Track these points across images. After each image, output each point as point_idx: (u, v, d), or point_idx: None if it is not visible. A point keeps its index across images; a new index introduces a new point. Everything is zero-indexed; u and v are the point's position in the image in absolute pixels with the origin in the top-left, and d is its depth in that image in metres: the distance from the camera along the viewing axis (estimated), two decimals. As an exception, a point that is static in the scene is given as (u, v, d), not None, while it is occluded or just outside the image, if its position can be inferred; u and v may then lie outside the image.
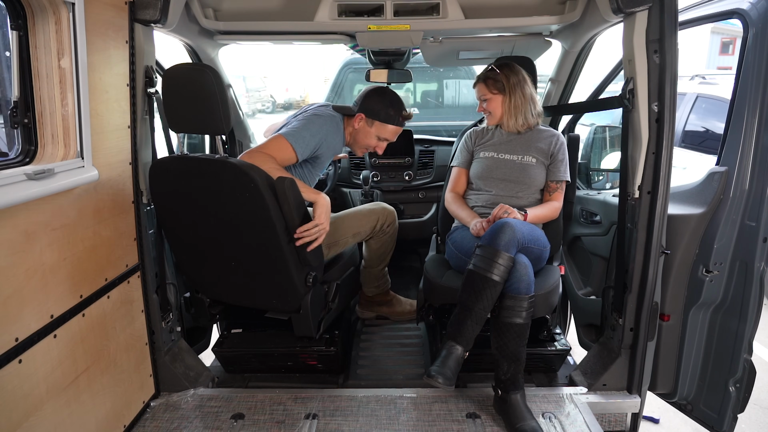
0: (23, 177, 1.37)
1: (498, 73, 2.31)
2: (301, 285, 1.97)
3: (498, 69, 2.32)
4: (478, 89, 2.37)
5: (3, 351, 1.33)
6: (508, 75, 2.31)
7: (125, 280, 1.92)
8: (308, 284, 1.99)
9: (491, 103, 2.34)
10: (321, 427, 1.90)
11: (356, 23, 2.22)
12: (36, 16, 1.48)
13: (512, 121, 2.34)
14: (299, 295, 1.98)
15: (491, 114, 2.36)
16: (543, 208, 2.25)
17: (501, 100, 2.33)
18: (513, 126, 2.35)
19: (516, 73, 2.31)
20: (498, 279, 1.86)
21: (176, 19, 1.99)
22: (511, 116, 2.33)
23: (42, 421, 1.46)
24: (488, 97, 2.34)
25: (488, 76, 2.34)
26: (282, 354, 2.26)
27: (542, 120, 2.43)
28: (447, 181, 2.54)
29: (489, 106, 2.35)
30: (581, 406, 2.01)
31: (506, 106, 2.33)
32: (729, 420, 2.05)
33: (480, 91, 2.37)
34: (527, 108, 2.32)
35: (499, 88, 2.32)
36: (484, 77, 2.35)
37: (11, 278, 1.36)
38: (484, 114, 2.41)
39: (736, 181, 1.93)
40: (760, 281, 1.94)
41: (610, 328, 2.20)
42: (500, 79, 2.31)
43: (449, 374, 1.83)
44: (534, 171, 2.29)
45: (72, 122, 1.56)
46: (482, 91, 2.36)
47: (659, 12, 1.83)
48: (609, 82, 2.70)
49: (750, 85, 1.87)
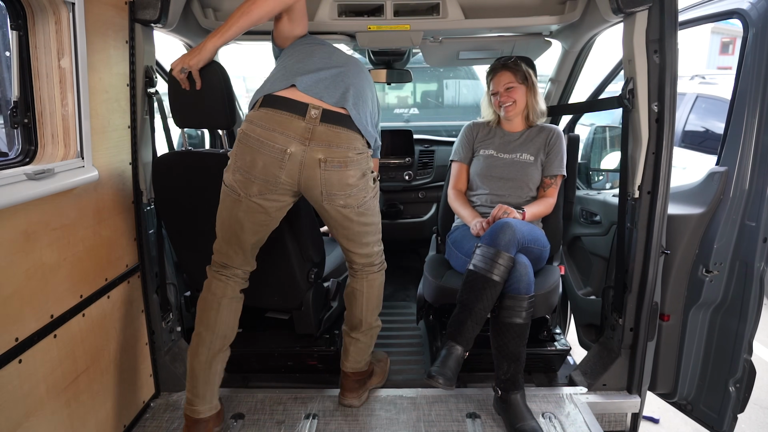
0: (23, 177, 1.37)
1: (521, 64, 2.31)
2: (303, 281, 1.98)
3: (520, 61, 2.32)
4: (503, 77, 2.31)
5: (3, 351, 1.32)
6: (528, 69, 2.32)
7: (125, 280, 1.92)
8: (310, 280, 2.01)
9: (517, 92, 2.30)
10: (321, 427, 1.90)
11: (356, 23, 2.23)
12: (36, 16, 1.48)
13: (532, 114, 2.35)
14: (301, 291, 1.99)
15: (515, 103, 2.30)
16: (538, 205, 2.26)
17: (525, 91, 2.31)
18: (530, 119, 2.36)
19: (533, 67, 2.35)
20: (498, 279, 1.86)
21: (176, 19, 1.99)
22: (531, 109, 2.34)
23: (42, 421, 1.46)
24: (515, 85, 2.30)
25: (512, 66, 2.30)
26: (282, 354, 2.26)
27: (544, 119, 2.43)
28: (448, 177, 2.53)
29: (514, 94, 2.30)
30: (581, 406, 2.01)
31: (529, 98, 2.33)
32: (729, 420, 2.05)
33: (505, 79, 2.30)
34: (541, 104, 2.36)
35: (522, 78, 2.30)
36: (509, 66, 2.30)
37: (11, 278, 1.36)
38: (504, 104, 2.32)
39: (736, 181, 1.93)
40: (760, 281, 1.93)
41: (610, 328, 2.20)
42: (523, 70, 2.30)
43: (449, 374, 1.84)
44: (531, 169, 2.30)
45: (72, 122, 1.56)
46: (508, 78, 2.30)
47: (659, 12, 1.83)
48: (609, 82, 2.70)
49: (750, 85, 1.87)
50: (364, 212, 1.78)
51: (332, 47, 1.87)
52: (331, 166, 1.63)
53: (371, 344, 2.04)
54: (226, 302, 1.80)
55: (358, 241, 1.86)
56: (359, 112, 1.70)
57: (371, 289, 1.96)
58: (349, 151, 1.65)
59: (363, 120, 1.71)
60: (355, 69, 1.80)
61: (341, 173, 1.65)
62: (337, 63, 1.78)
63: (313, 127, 1.61)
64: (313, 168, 1.63)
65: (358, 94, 1.72)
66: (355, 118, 1.67)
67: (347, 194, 1.70)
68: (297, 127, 1.61)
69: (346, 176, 1.66)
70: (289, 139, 1.61)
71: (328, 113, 1.62)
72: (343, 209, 1.73)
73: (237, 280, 1.82)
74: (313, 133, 1.61)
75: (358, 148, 1.68)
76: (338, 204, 1.71)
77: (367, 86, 1.81)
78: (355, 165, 1.68)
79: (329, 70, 1.72)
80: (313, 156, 1.62)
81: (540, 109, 2.36)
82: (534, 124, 2.38)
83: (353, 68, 1.80)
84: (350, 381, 2.01)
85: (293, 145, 1.61)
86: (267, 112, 1.63)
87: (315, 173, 1.64)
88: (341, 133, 1.64)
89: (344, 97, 1.67)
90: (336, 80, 1.71)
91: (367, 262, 1.93)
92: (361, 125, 1.69)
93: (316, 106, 1.62)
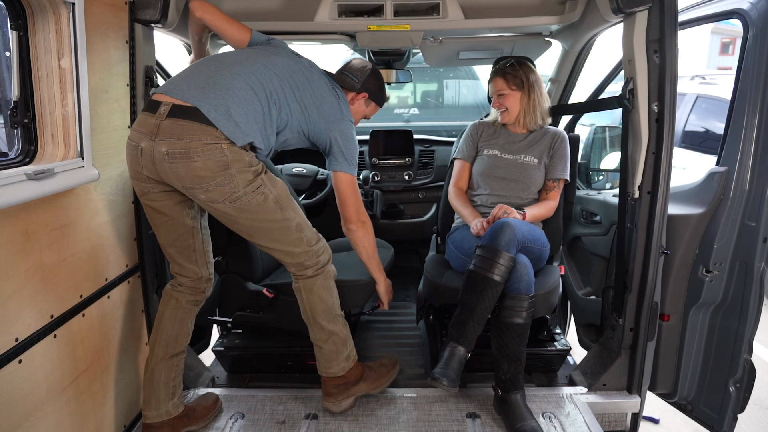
0: (23, 177, 1.37)
1: (518, 69, 2.26)
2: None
3: (518, 65, 2.27)
4: (496, 83, 2.29)
5: (3, 351, 1.32)
6: (527, 72, 2.26)
7: (125, 280, 1.92)
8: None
9: (509, 99, 2.28)
10: (321, 427, 1.90)
11: (356, 23, 2.23)
12: (36, 16, 1.48)
13: (527, 120, 2.30)
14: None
15: (507, 110, 2.29)
16: (540, 207, 2.25)
17: (519, 97, 2.27)
18: (527, 125, 2.32)
19: (534, 71, 2.29)
20: (499, 279, 1.86)
21: (176, 19, 1.99)
22: (527, 115, 2.29)
23: (42, 421, 1.46)
24: (507, 92, 2.27)
25: (507, 71, 2.27)
26: (282, 354, 2.26)
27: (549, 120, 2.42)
28: (449, 175, 2.52)
29: (506, 102, 2.28)
30: (581, 406, 2.01)
31: (524, 104, 2.28)
32: (729, 420, 2.05)
33: (497, 86, 2.29)
34: (543, 108, 2.31)
35: (518, 84, 2.26)
36: (503, 72, 2.28)
37: (11, 278, 1.36)
38: (499, 110, 2.32)
39: (736, 181, 1.93)
40: (760, 281, 1.93)
41: (610, 328, 2.20)
42: (520, 75, 2.25)
43: (453, 376, 1.83)
44: (534, 171, 2.29)
45: (72, 122, 1.56)
46: (500, 85, 2.28)
47: (659, 12, 1.83)
48: (609, 82, 2.70)
49: (750, 85, 1.87)
50: (243, 208, 1.69)
51: (250, 52, 1.86)
52: (174, 157, 1.60)
53: (339, 351, 1.93)
54: (170, 312, 1.84)
55: (262, 239, 1.80)
56: (229, 110, 1.63)
57: (310, 296, 1.89)
58: (192, 142, 1.59)
59: (230, 118, 1.63)
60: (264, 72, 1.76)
61: (187, 165, 1.60)
62: (233, 64, 1.75)
63: (159, 122, 1.61)
64: (162, 162, 1.62)
65: (232, 94, 1.66)
66: (208, 112, 1.60)
67: (204, 187, 1.63)
68: (148, 123, 1.63)
69: (194, 168, 1.60)
70: (142, 136, 1.64)
71: (176, 108, 1.62)
72: (213, 204, 1.67)
73: (183, 290, 1.85)
74: (159, 127, 1.61)
75: (206, 140, 1.60)
76: (201, 198, 1.67)
77: (272, 88, 1.76)
78: (202, 156, 1.60)
79: (214, 73, 1.71)
80: (159, 149, 1.60)
81: (540, 114, 2.31)
82: (535, 129, 2.35)
83: (256, 69, 1.76)
84: (327, 385, 1.96)
85: (144, 140, 1.63)
86: (139, 115, 1.70)
87: (165, 167, 1.62)
88: (185, 125, 1.60)
89: (203, 94, 1.64)
90: (210, 80, 1.68)
91: (294, 263, 1.86)
92: (219, 121, 1.61)
93: (167, 103, 1.63)
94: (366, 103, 2.12)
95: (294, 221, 1.81)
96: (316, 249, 1.88)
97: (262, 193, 1.71)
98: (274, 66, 1.81)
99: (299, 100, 1.84)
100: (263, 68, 1.78)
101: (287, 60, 1.88)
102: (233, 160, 1.63)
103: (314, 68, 1.95)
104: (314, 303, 1.90)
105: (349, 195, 1.97)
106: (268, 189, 1.73)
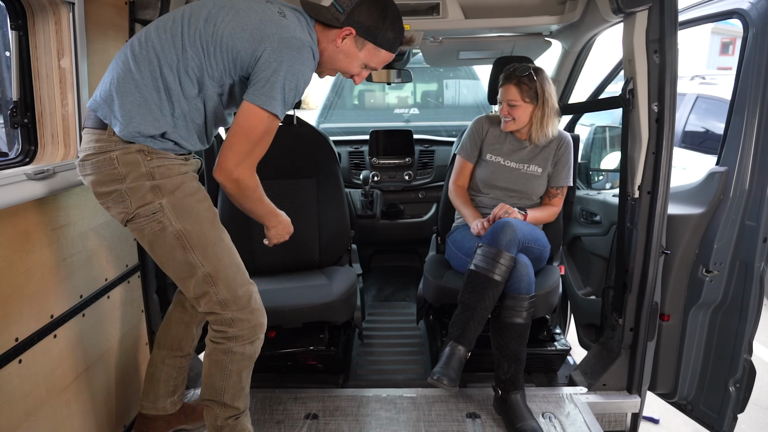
0: (23, 177, 1.37)
1: (534, 80, 2.12)
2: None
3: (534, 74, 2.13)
4: (508, 91, 2.15)
5: (3, 351, 1.32)
6: (543, 83, 2.13)
7: (125, 280, 1.92)
8: None
9: (518, 111, 2.15)
10: (321, 427, 1.90)
11: (356, 23, 2.22)
12: (36, 16, 1.48)
13: (533, 134, 2.20)
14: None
15: (515, 121, 2.17)
16: (542, 211, 2.24)
17: (531, 110, 2.16)
18: (533, 138, 2.22)
19: (549, 81, 2.17)
20: (499, 279, 1.86)
21: (176, 19, 1.99)
22: (535, 129, 2.18)
23: (42, 421, 1.46)
24: (518, 103, 2.14)
25: (523, 81, 2.12)
26: (282, 354, 2.26)
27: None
28: (449, 172, 2.49)
29: (515, 113, 2.16)
30: (581, 406, 2.01)
31: (535, 117, 2.16)
32: (729, 420, 2.05)
33: (510, 94, 2.15)
34: (554, 121, 2.19)
35: (531, 96, 2.13)
36: (518, 80, 2.13)
37: (11, 278, 1.36)
38: (505, 118, 2.20)
39: (736, 181, 1.93)
40: (760, 281, 1.93)
41: (610, 328, 2.20)
42: (535, 87, 2.12)
43: (453, 375, 1.83)
44: (537, 181, 2.26)
45: (72, 122, 1.56)
46: (513, 95, 2.14)
47: (659, 12, 1.83)
48: (609, 82, 2.71)
49: (750, 85, 1.87)
50: (144, 238, 1.45)
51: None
52: (80, 171, 1.46)
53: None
54: (177, 315, 1.82)
55: (174, 277, 1.52)
56: (116, 102, 1.37)
57: (213, 367, 1.53)
58: (81, 152, 1.45)
59: (118, 110, 1.37)
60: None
61: (84, 178, 1.45)
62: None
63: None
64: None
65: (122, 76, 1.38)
66: (97, 108, 1.41)
67: (104, 203, 1.45)
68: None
69: (87, 181, 1.45)
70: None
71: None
72: (124, 225, 1.47)
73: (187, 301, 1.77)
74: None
75: (88, 149, 1.41)
76: (111, 216, 1.49)
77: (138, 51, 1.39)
78: (89, 167, 1.41)
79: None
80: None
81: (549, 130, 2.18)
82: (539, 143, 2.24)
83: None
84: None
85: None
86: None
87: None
88: (82, 135, 1.46)
89: (98, 92, 1.45)
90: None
91: (205, 312, 1.51)
92: (109, 118, 1.38)
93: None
94: (357, 43, 1.54)
95: (202, 270, 1.44)
96: (229, 317, 1.48)
97: (159, 226, 1.41)
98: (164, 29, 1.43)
99: (192, 39, 1.38)
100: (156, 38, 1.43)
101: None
102: (129, 173, 1.39)
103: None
104: (215, 375, 1.54)
105: (244, 135, 1.39)
106: (168, 219, 1.41)
